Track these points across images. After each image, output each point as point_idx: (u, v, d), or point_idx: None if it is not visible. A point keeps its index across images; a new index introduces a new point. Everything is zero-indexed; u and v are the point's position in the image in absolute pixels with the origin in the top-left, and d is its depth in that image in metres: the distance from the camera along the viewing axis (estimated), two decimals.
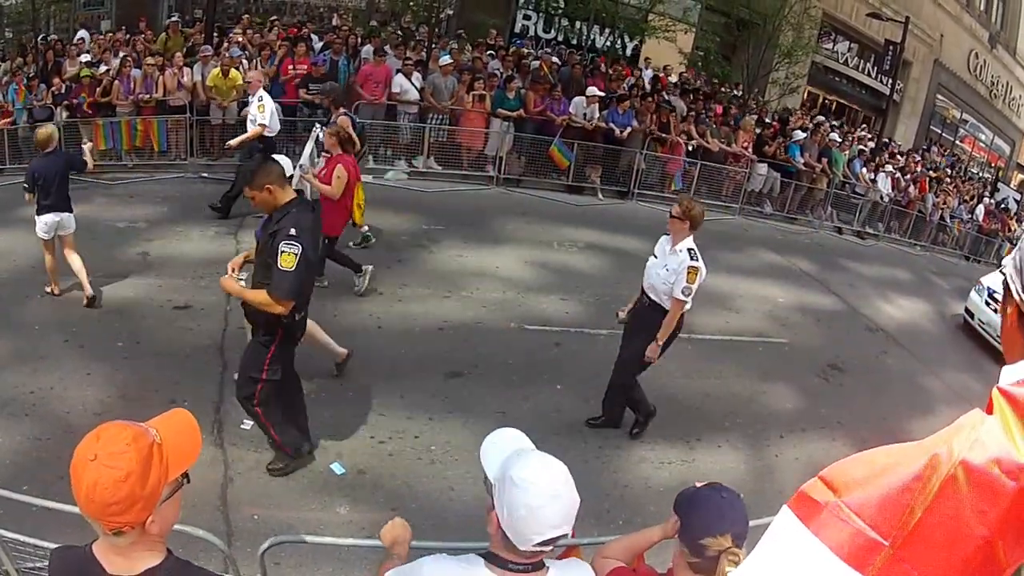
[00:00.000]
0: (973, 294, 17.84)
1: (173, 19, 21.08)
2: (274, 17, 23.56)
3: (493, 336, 11.00)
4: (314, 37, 20.60)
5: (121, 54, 17.79)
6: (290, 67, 17.30)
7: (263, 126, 13.41)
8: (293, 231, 6.21)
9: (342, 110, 12.79)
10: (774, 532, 1.91)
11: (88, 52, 18.10)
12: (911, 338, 16.01)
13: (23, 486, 5.99)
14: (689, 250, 8.02)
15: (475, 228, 15.09)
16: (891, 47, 31.93)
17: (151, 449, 2.55)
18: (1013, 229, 33.78)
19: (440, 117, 18.25)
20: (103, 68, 17.12)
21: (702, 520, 3.23)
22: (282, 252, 6.15)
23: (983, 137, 50.58)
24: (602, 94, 19.28)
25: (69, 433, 7.12)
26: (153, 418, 2.76)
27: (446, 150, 18.35)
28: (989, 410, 1.78)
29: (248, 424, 8.08)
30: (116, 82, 16.60)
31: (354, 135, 12.02)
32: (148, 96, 16.51)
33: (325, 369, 9.19)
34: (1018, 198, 45.70)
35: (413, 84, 17.75)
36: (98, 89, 16.49)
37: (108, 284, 10.89)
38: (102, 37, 20.78)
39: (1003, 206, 37.79)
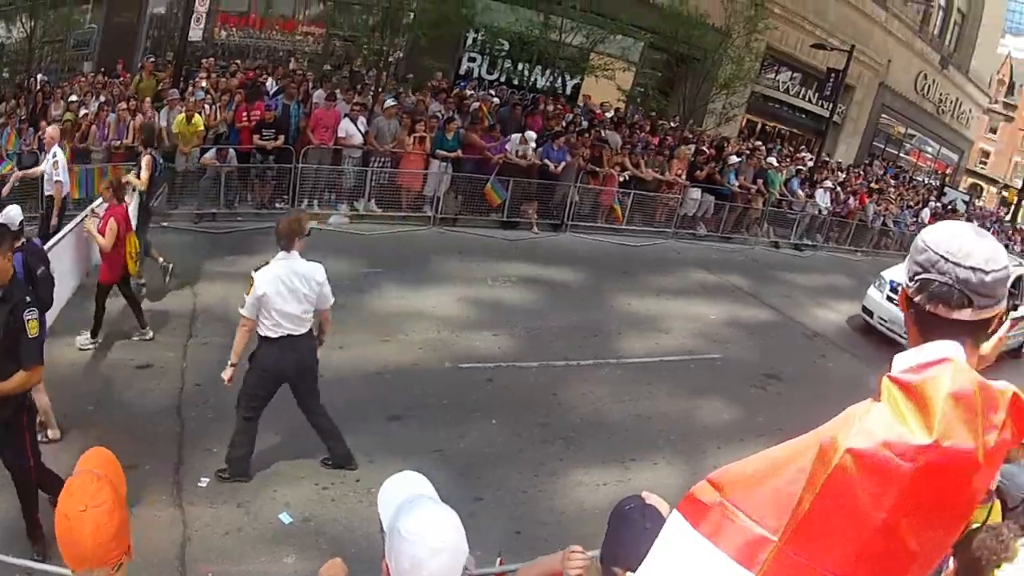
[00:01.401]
0: (872, 290, 17.49)
1: (149, 59, 21.05)
2: (237, 60, 23.71)
3: (429, 377, 11.10)
4: (273, 82, 20.68)
5: (102, 98, 17.78)
6: (244, 114, 17.15)
7: (60, 183, 13.05)
8: (29, 298, 6.30)
9: (149, 151, 12.80)
10: (665, 535, 2.04)
11: (73, 95, 17.94)
12: (852, 340, 16.40)
13: (7, 552, 6.20)
14: (264, 263, 7.80)
15: (412, 270, 15.12)
16: (833, 74, 32.73)
17: (108, 481, 2.90)
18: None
19: (382, 160, 18.30)
20: (83, 112, 16.95)
21: (618, 545, 3.20)
22: (28, 320, 6.18)
23: (929, 149, 51.72)
24: (535, 137, 19.77)
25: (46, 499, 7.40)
26: (79, 462, 3.16)
27: (386, 192, 18.37)
28: (879, 398, 1.93)
29: (205, 481, 8.18)
30: (93, 127, 16.44)
31: (145, 175, 12.31)
32: (119, 142, 16.27)
33: (267, 420, 8.94)
34: (966, 199, 46.82)
35: (358, 128, 17.76)
36: (77, 134, 16.21)
37: (75, 338, 10.66)
38: (83, 79, 20.89)
39: (951, 207, 38.76)
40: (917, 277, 2.14)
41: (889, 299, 16.73)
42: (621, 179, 21.06)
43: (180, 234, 15.05)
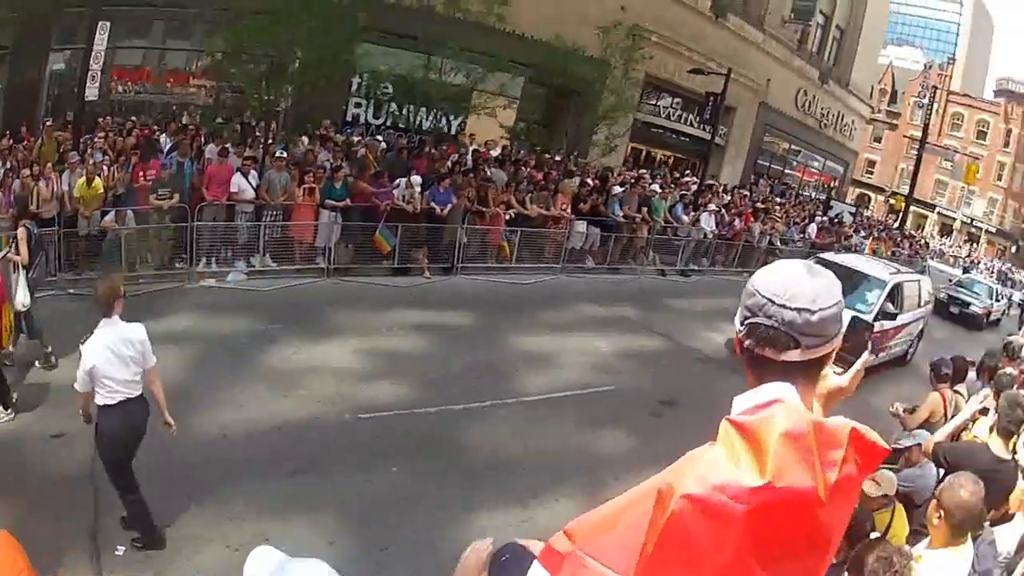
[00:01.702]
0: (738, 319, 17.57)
1: (47, 122, 20.75)
2: (133, 117, 23.38)
3: (330, 429, 11.21)
4: (166, 139, 20.44)
5: (7, 164, 17.20)
6: (140, 173, 17.03)
7: None
8: None
9: (23, 222, 12.64)
10: None
11: None
12: (739, 361, 16.90)
13: None
14: (89, 334, 7.77)
15: (309, 323, 15.20)
16: (711, 97, 33.75)
17: (18, 552, 3.48)
18: (850, 237, 35.91)
19: (274, 213, 18.33)
20: None
21: None
22: None
23: (815, 164, 53.49)
24: (420, 181, 19.93)
25: None
26: None
27: (280, 246, 18.39)
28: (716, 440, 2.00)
29: (121, 550, 8.12)
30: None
31: (24, 250, 11.97)
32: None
33: (172, 489, 9.05)
34: (853, 211, 48.42)
35: (250, 182, 17.85)
36: None
37: None
38: None
39: (838, 220, 39.97)
40: (746, 321, 2.25)
41: None
42: (507, 217, 21.61)
43: (86, 300, 14.74)
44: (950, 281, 38.02)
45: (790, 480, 1.87)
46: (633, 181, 27.03)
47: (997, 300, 37.37)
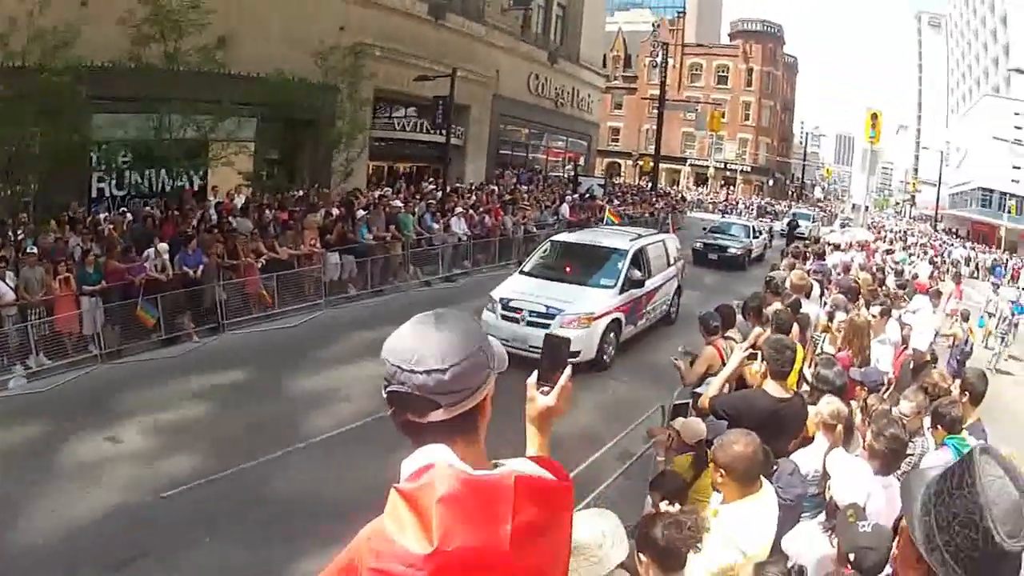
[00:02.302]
0: (486, 314, 18.62)
1: None
2: None
3: (138, 515, 11.31)
4: None
5: None
6: None
7: None
8: None
9: None
10: None
11: None
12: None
13: None
14: None
15: (94, 414, 15.05)
16: (440, 101, 35.23)
17: None
18: (603, 209, 37.75)
19: (37, 310, 18.04)
20: None
21: None
22: None
23: (559, 144, 55.69)
24: (167, 248, 20.37)
25: None
26: None
27: (50, 342, 18.01)
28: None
29: None
30: None
31: None
32: None
33: None
34: (602, 183, 50.50)
35: (8, 283, 17.50)
36: None
37: None
38: None
39: (589, 194, 41.81)
40: (386, 390, 2.31)
41: (504, 318, 18.15)
42: (260, 265, 22.32)
43: None
44: (704, 230, 40.32)
45: (460, 541, 1.94)
46: (376, 201, 28.52)
47: (755, 237, 40.63)
